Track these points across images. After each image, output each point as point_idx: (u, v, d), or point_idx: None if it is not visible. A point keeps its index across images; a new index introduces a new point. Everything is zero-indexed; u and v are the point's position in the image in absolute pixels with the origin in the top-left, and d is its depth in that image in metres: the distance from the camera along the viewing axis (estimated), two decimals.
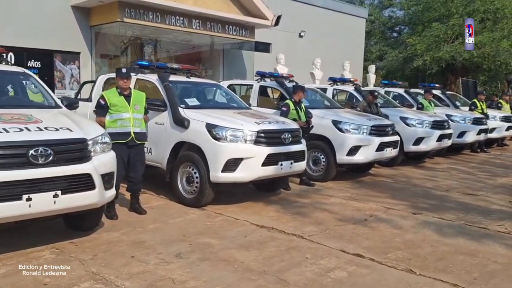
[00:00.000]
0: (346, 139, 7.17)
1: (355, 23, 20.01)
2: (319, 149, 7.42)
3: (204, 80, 6.90)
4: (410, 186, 7.37)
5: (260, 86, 8.41)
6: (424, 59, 17.39)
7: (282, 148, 5.49)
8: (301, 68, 15.31)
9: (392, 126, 7.77)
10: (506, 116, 12.97)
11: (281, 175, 5.65)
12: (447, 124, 9.52)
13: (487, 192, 7.00)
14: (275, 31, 16.41)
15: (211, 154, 5.21)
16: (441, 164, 9.83)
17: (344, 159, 7.20)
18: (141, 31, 12.98)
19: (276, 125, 5.63)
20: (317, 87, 10.04)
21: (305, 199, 6.22)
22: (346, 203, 6.03)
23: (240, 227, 4.77)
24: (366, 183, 7.49)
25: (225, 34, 12.86)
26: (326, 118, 7.44)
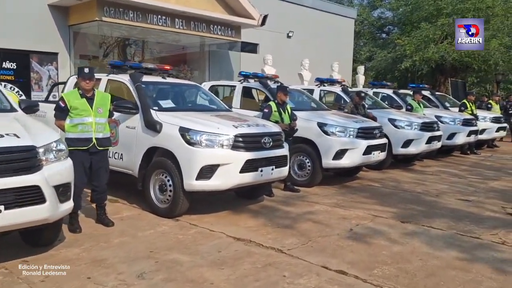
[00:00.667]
0: (332, 142, 6.82)
1: (343, 23, 19.75)
2: (304, 153, 7.07)
3: (182, 81, 6.51)
4: (398, 191, 7.05)
5: (243, 87, 8.05)
6: (414, 59, 17.16)
7: (262, 153, 5.12)
8: (289, 69, 14.99)
9: (379, 128, 7.45)
10: (496, 117, 12.75)
11: (262, 182, 5.28)
12: (436, 126, 9.24)
13: (479, 197, 6.70)
14: (262, 31, 16.07)
15: (185, 160, 4.82)
16: (431, 167, 9.54)
17: (330, 163, 6.85)
18: (129, 31, 12.59)
19: (256, 128, 5.26)
20: (304, 88, 9.70)
21: (289, 206, 5.86)
22: (332, 211, 5.68)
23: (215, 240, 4.38)
24: (353, 188, 7.15)
25: (210, 34, 12.47)
26: (311, 120, 7.09)
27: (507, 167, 9.76)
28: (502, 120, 13.05)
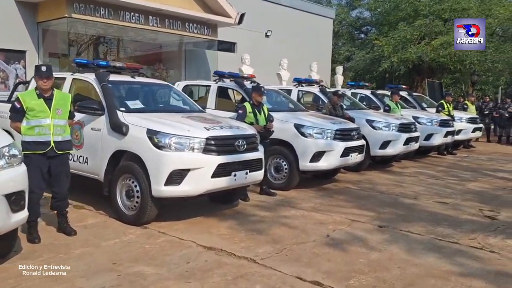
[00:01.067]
0: (309, 144, 6.64)
1: (322, 23, 19.70)
2: (281, 155, 6.87)
3: (152, 80, 6.22)
4: (376, 193, 6.92)
5: (218, 87, 7.80)
6: (392, 60, 17.22)
7: (236, 157, 4.88)
8: (267, 68, 14.81)
9: (357, 130, 7.32)
10: (472, 118, 12.85)
11: (235, 186, 5.05)
12: (414, 127, 9.19)
13: (456, 199, 6.63)
14: (240, 30, 15.83)
15: (153, 165, 4.55)
16: (408, 168, 9.49)
17: (307, 165, 6.67)
18: (105, 29, 12.18)
19: (229, 130, 5.02)
20: (281, 89, 9.51)
21: (264, 211, 5.64)
22: (308, 216, 5.49)
23: (184, 249, 4.13)
24: (331, 191, 6.99)
25: (185, 32, 12.16)
26: (288, 121, 6.90)
27: (483, 167, 9.80)
28: (478, 121, 13.16)
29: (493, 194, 7.06)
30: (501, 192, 7.24)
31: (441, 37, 16.82)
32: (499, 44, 18.40)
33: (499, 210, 5.98)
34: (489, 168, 9.74)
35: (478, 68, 19.16)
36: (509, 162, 10.71)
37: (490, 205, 6.27)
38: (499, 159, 11.23)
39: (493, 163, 10.58)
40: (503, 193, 7.16)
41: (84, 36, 13.05)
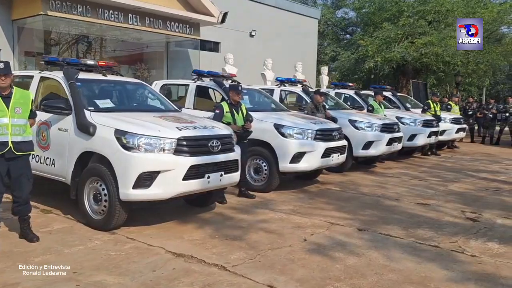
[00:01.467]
0: (289, 145, 6.47)
1: (307, 23, 19.60)
2: (260, 156, 6.68)
3: (125, 79, 5.98)
4: (358, 195, 6.78)
5: (197, 86, 7.58)
6: (376, 60, 17.18)
7: (210, 158, 4.67)
8: (252, 68, 14.66)
9: (339, 130, 7.16)
10: (455, 118, 12.82)
11: (209, 189, 4.84)
12: (397, 127, 9.08)
13: (438, 200, 6.51)
14: (224, 29, 15.65)
15: (120, 167, 4.32)
16: (392, 169, 9.38)
17: (287, 167, 6.49)
18: (88, 28, 11.89)
19: (203, 130, 4.81)
20: (263, 88, 9.32)
21: (241, 214, 5.44)
22: (287, 219, 5.30)
23: (152, 257, 3.90)
24: (312, 193, 6.82)
25: (166, 31, 11.92)
26: (267, 121, 6.71)
27: (466, 168, 9.74)
28: (462, 121, 13.15)
29: (476, 195, 6.96)
30: (483, 193, 7.15)
31: (424, 37, 16.82)
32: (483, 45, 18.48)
33: (481, 211, 5.87)
34: (472, 168, 9.69)
35: (462, 69, 19.25)
36: (492, 163, 10.68)
37: (472, 206, 6.17)
38: (482, 160, 11.21)
39: (476, 163, 10.54)
40: (485, 194, 7.07)
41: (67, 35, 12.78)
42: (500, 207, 6.19)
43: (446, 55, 16.83)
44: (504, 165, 10.39)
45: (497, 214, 5.77)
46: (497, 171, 9.38)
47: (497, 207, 6.15)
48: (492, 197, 6.83)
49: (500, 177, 8.65)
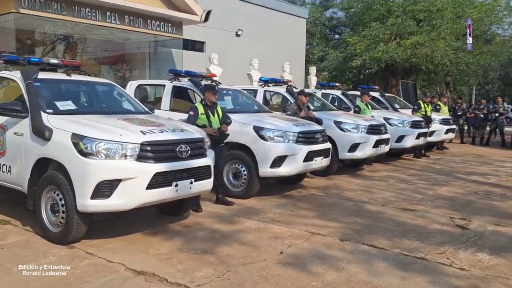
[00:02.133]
0: (269, 148, 6.11)
1: (295, 23, 19.31)
2: (240, 161, 6.32)
3: (92, 79, 5.57)
4: (343, 200, 6.44)
5: (173, 86, 7.19)
6: (364, 58, 16.91)
7: (178, 164, 4.29)
8: (238, 68, 14.32)
9: (322, 132, 6.82)
10: (445, 119, 12.57)
11: (178, 198, 4.46)
12: (384, 129, 8.77)
13: (426, 205, 6.20)
14: (209, 29, 15.28)
15: (78, 175, 3.93)
16: (379, 171, 9.07)
17: (267, 171, 6.14)
18: (72, 28, 11.47)
19: (170, 134, 4.43)
20: (245, 89, 8.96)
21: (216, 224, 5.08)
22: (264, 228, 4.95)
23: (109, 275, 3.52)
24: (294, 199, 6.48)
25: (147, 30, 11.52)
26: (247, 124, 6.35)
27: (456, 170, 9.47)
28: (451, 122, 12.91)
29: (465, 199, 6.67)
30: (473, 197, 6.86)
31: (413, 37, 16.58)
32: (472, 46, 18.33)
33: (470, 218, 5.56)
34: (462, 171, 9.42)
35: (452, 69, 19.06)
36: (482, 164, 10.43)
37: (462, 212, 5.86)
38: (472, 161, 10.96)
39: (466, 165, 10.28)
40: (475, 198, 6.78)
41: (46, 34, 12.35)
42: (490, 212, 5.90)
43: (435, 58, 16.62)
44: (494, 166, 10.14)
45: (488, 220, 5.47)
46: (487, 173, 9.11)
47: (487, 213, 5.86)
48: (482, 202, 6.53)
49: (490, 180, 8.38)
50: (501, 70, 29.38)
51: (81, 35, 12.80)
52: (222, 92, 7.60)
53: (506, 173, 9.27)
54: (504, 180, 8.38)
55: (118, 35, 12.55)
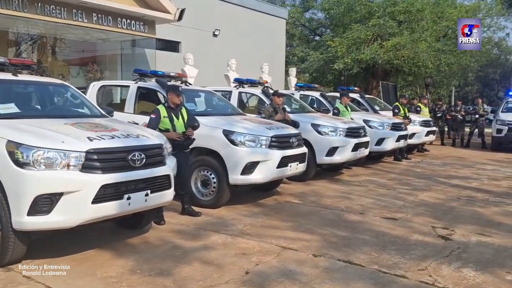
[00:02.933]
0: (240, 154, 5.68)
1: (275, 23, 18.94)
2: (209, 167, 5.87)
3: (42, 79, 5.04)
4: (320, 208, 6.05)
5: (138, 87, 6.70)
6: (345, 61, 16.64)
7: (130, 175, 3.82)
8: (215, 69, 13.86)
9: (297, 136, 6.42)
10: (425, 121, 12.36)
11: (131, 212, 3.98)
12: (363, 131, 8.43)
13: (407, 213, 5.85)
14: (185, 28, 14.79)
15: (13, 189, 3.43)
16: (359, 176, 8.73)
17: (238, 179, 5.70)
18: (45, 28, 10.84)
19: (123, 141, 3.95)
20: (217, 90, 8.51)
21: (179, 238, 4.62)
22: (232, 243, 4.51)
23: None
24: (268, 207, 6.06)
25: (117, 28, 10.95)
26: (216, 127, 5.90)
27: (437, 174, 9.20)
28: (431, 124, 12.70)
29: (447, 206, 6.35)
30: (455, 203, 6.55)
31: (394, 39, 16.38)
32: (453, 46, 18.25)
33: (453, 227, 5.23)
34: (443, 174, 9.15)
35: (434, 71, 18.93)
36: (464, 167, 10.20)
37: (444, 220, 5.53)
38: (453, 164, 10.73)
39: (447, 168, 10.03)
40: (457, 204, 6.47)
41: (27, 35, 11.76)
42: (473, 220, 5.58)
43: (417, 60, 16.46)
44: (475, 169, 9.91)
45: (471, 229, 5.14)
46: (469, 177, 8.86)
47: (470, 221, 5.54)
48: (465, 208, 6.22)
49: (472, 184, 8.12)
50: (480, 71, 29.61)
51: (50, 34, 12.19)
52: (193, 94, 7.17)
53: (488, 176, 9.04)
54: (486, 184, 8.12)
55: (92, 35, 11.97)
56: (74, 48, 13.06)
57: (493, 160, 11.52)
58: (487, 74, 36.09)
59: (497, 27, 18.71)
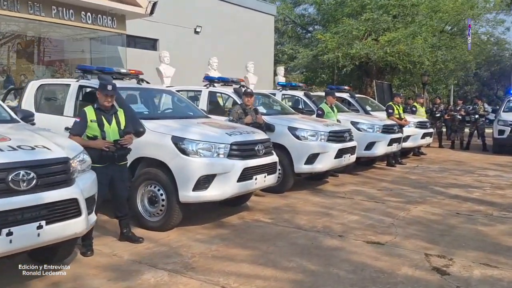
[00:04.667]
0: (192, 165, 4.67)
1: (262, 20, 18.01)
2: (156, 182, 4.86)
3: None
4: (292, 229, 5.05)
5: (79, 86, 5.70)
6: (336, 54, 15.62)
7: (10, 202, 2.81)
8: (197, 68, 12.86)
9: (265, 143, 5.41)
10: (421, 122, 11.34)
11: (15, 252, 2.97)
12: (348, 135, 7.41)
13: (396, 235, 4.86)
14: (163, 25, 13.85)
15: None
16: (345, 185, 7.73)
17: (189, 196, 4.69)
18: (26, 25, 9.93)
19: (4, 155, 2.94)
20: (183, 90, 7.52)
21: (100, 278, 3.62)
22: (166, 284, 3.50)
23: None
24: (230, 228, 5.06)
25: (80, 23, 9.96)
26: (165, 134, 4.90)
27: (434, 182, 8.20)
28: (428, 125, 11.69)
29: (445, 224, 5.35)
30: (454, 219, 5.55)
31: (388, 34, 15.40)
32: (449, 41, 17.30)
33: (452, 254, 4.24)
34: (440, 182, 8.15)
35: (430, 68, 18.00)
36: (464, 173, 9.20)
37: (440, 245, 4.53)
38: (452, 169, 9.72)
39: (445, 174, 9.03)
40: (456, 221, 5.47)
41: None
42: (476, 244, 4.59)
43: (413, 56, 15.46)
44: (476, 176, 8.92)
45: (474, 257, 4.15)
46: (470, 185, 7.87)
47: (472, 245, 4.54)
48: (466, 227, 5.22)
49: (473, 194, 7.12)
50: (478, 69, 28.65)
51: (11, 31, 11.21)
52: (148, 93, 6.19)
53: (491, 184, 8.04)
54: (489, 194, 7.13)
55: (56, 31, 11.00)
56: (42, 46, 12.08)
57: (495, 165, 10.53)
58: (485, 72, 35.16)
59: (496, 21, 17.72)
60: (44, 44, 11.94)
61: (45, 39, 11.75)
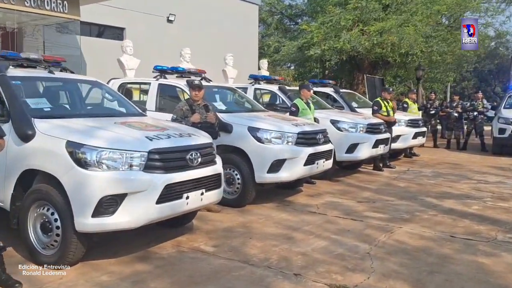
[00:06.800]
0: (90, 182, 3.42)
1: (245, 9, 16.73)
2: (49, 203, 3.62)
3: None
4: (236, 264, 3.83)
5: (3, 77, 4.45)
6: (322, 48, 14.34)
7: None
8: (170, 60, 11.54)
9: (203, 149, 4.14)
10: (412, 120, 10.12)
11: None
12: (323, 137, 6.17)
13: (370, 272, 3.66)
14: (131, 12, 12.61)
15: None
16: (321, 195, 6.53)
17: (88, 224, 3.44)
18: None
19: None
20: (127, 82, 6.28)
21: None
22: None
23: None
24: (154, 263, 3.84)
25: (24, 7, 8.68)
26: (60, 138, 3.64)
27: (425, 190, 7.01)
28: (421, 124, 10.47)
29: (435, 254, 4.15)
30: (448, 247, 4.34)
31: (378, 23, 14.13)
32: (446, 34, 16.03)
33: None
34: (433, 191, 6.96)
35: (424, 61, 16.76)
36: (460, 179, 8.01)
37: None
38: (447, 174, 8.53)
39: (439, 181, 7.84)
40: (451, 250, 4.26)
41: None
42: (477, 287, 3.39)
43: (404, 46, 14.17)
44: (475, 182, 7.72)
45: None
46: (467, 195, 6.68)
47: None
48: (462, 259, 4.02)
49: (471, 207, 5.93)
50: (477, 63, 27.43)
51: None
52: (59, 85, 4.95)
53: (491, 193, 6.85)
54: (490, 208, 5.94)
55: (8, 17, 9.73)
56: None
57: (496, 168, 9.35)
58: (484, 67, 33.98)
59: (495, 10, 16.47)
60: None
61: None
